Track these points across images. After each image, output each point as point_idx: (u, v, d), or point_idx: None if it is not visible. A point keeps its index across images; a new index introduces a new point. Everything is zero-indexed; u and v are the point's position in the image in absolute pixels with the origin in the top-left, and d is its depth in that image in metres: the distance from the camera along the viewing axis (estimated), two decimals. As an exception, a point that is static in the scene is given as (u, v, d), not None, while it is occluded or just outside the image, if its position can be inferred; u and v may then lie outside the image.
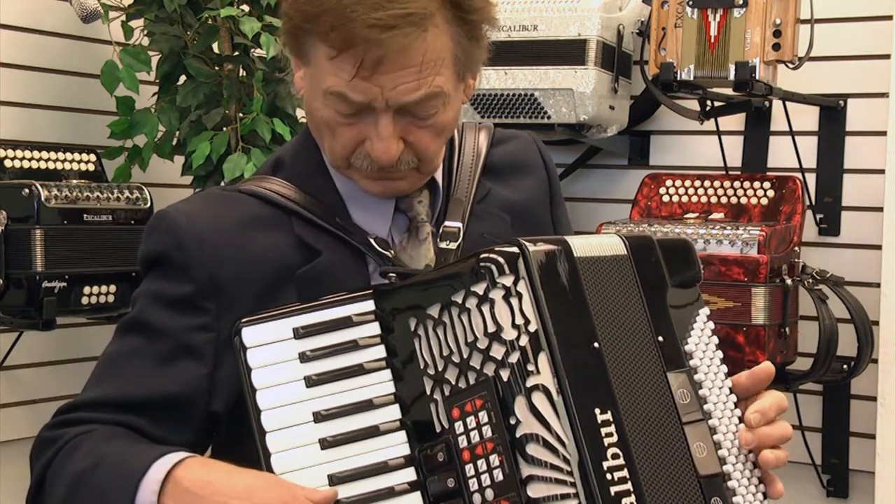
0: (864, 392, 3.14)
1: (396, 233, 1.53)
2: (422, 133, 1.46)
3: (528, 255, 1.28)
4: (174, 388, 1.43)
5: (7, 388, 3.27)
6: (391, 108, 1.42)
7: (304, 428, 1.32)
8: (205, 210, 1.49)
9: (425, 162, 1.49)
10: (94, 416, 1.43)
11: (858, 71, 3.21)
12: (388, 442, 1.33)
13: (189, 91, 3.26)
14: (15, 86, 3.34)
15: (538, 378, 1.25)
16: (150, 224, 1.52)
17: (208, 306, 1.44)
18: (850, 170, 3.24)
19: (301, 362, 1.35)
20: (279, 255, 1.46)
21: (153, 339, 1.45)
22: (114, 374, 1.46)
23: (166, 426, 1.43)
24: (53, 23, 3.43)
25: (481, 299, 1.29)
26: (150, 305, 1.47)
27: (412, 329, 1.35)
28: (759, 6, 2.88)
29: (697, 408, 1.35)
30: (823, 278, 3.00)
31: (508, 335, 1.27)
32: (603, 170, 3.58)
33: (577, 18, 3.15)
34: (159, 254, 1.47)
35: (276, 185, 1.51)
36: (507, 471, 1.25)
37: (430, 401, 1.32)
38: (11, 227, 2.91)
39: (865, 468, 3.11)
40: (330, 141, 1.48)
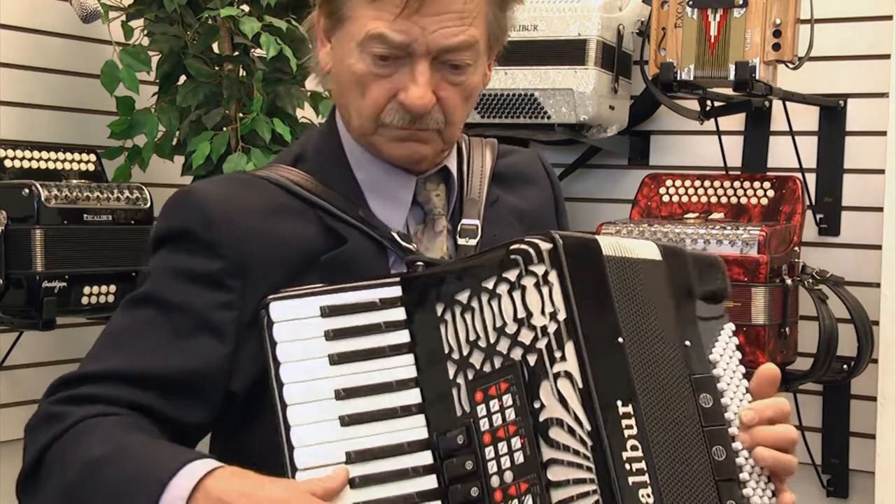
0: (864, 392, 3.14)
1: (412, 224, 1.55)
2: (452, 91, 1.49)
3: (560, 247, 1.30)
4: (194, 363, 1.41)
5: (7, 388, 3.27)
6: (430, 53, 1.45)
7: (326, 404, 1.33)
8: (232, 192, 1.50)
9: (450, 126, 1.51)
10: (104, 394, 1.40)
11: (858, 71, 3.21)
12: (407, 424, 1.35)
13: (189, 91, 3.25)
14: (15, 86, 3.34)
15: (564, 365, 1.27)
16: (174, 200, 1.50)
17: (234, 285, 1.43)
18: (850, 170, 3.24)
19: (326, 340, 1.36)
20: (305, 241, 1.47)
21: (171, 313, 1.43)
22: (125, 347, 1.43)
23: (182, 404, 1.42)
24: (53, 23, 3.42)
25: (513, 285, 1.31)
26: (169, 280, 1.45)
27: (439, 314, 1.37)
28: (759, 6, 2.88)
29: (719, 414, 1.38)
30: (823, 278, 3.00)
31: (538, 321, 1.29)
32: (603, 170, 3.59)
33: (577, 18, 3.15)
34: (185, 230, 1.46)
35: (299, 178, 1.52)
36: (528, 453, 1.26)
37: (453, 385, 1.34)
38: (11, 227, 2.91)
39: (865, 468, 3.11)
40: (359, 100, 1.49)
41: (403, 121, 1.48)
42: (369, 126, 1.50)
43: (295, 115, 3.35)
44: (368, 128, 1.50)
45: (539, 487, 1.25)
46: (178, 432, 1.43)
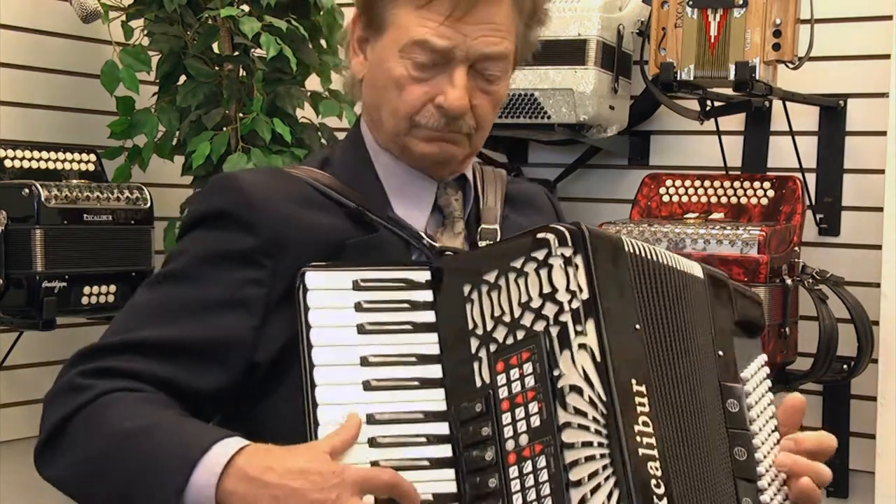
0: (864, 392, 3.14)
1: (431, 227, 1.61)
2: (484, 99, 1.56)
3: (587, 235, 1.37)
4: (219, 333, 1.47)
5: (7, 388, 3.27)
6: (468, 60, 1.53)
7: (351, 369, 1.39)
8: (269, 180, 1.56)
9: (480, 131, 1.59)
10: (126, 367, 1.44)
11: (858, 71, 3.21)
12: (426, 396, 1.40)
13: (189, 91, 3.26)
14: (15, 86, 3.35)
15: (584, 339, 1.32)
16: (214, 184, 1.57)
17: (267, 263, 1.49)
18: (850, 170, 3.24)
19: (356, 311, 1.42)
20: (336, 229, 1.53)
21: (199, 288, 1.49)
22: (148, 319, 1.48)
23: (202, 372, 1.46)
24: (53, 23, 3.43)
25: (541, 264, 1.37)
26: (200, 258, 1.50)
27: (466, 294, 1.42)
28: (759, 6, 2.88)
29: (744, 420, 1.46)
30: (823, 278, 3.00)
31: (562, 297, 1.35)
32: (603, 170, 3.58)
33: (577, 18, 3.15)
34: (223, 210, 1.52)
35: (328, 180, 1.58)
36: (545, 416, 1.31)
37: (475, 359, 1.39)
38: (11, 227, 2.92)
39: (865, 468, 3.11)
40: (395, 101, 1.55)
41: (438, 123, 1.55)
42: (403, 126, 1.56)
43: (295, 115, 3.35)
44: (402, 127, 1.56)
45: (553, 448, 1.30)
46: (199, 403, 1.47)
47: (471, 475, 1.34)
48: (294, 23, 3.19)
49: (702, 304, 1.49)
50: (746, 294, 1.58)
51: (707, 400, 1.44)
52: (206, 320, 1.47)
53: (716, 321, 1.49)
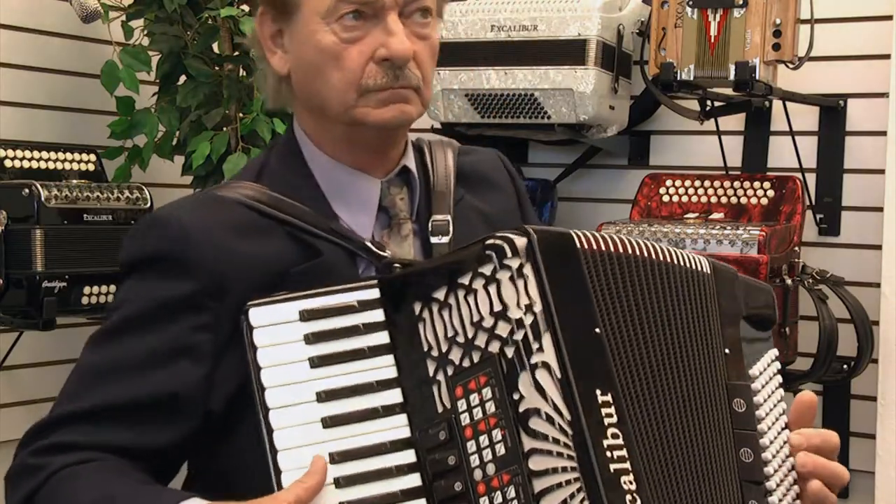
0: (864, 392, 3.14)
1: (377, 230, 1.55)
2: (422, 46, 1.51)
3: (535, 240, 1.32)
4: (171, 387, 1.41)
5: (7, 388, 3.27)
6: (397, 5, 1.47)
7: (308, 406, 1.34)
8: (200, 213, 1.49)
9: (425, 84, 1.52)
10: (81, 440, 1.39)
11: (858, 71, 3.21)
12: (389, 423, 1.36)
13: (189, 91, 3.26)
14: (15, 86, 3.34)
15: (542, 356, 1.28)
16: (143, 225, 1.50)
17: (211, 305, 1.43)
18: (850, 170, 3.23)
19: (306, 343, 1.37)
20: (277, 257, 1.46)
21: (147, 341, 1.43)
22: (99, 383, 1.42)
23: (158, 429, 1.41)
24: (53, 23, 3.43)
25: (488, 280, 1.32)
26: (145, 307, 1.44)
27: (417, 313, 1.37)
28: (759, 6, 2.88)
29: (752, 419, 1.42)
30: (823, 278, 3.00)
31: (514, 314, 1.30)
32: (603, 170, 3.58)
33: (577, 18, 3.14)
34: (157, 253, 1.45)
35: (262, 195, 1.51)
36: (509, 444, 1.28)
37: (433, 383, 1.35)
38: (11, 227, 2.91)
39: (865, 468, 3.11)
40: (336, 74, 1.49)
41: (387, 78, 1.48)
42: (351, 96, 1.49)
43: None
44: (351, 98, 1.49)
45: (521, 478, 1.26)
46: (160, 460, 1.43)
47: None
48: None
49: (706, 299, 1.44)
50: (756, 287, 1.54)
51: (712, 398, 1.40)
52: (154, 376, 1.41)
53: (723, 317, 1.45)
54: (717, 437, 1.39)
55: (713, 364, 1.42)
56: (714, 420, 1.40)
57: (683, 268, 1.43)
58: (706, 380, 1.41)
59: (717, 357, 1.43)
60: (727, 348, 1.44)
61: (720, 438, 1.39)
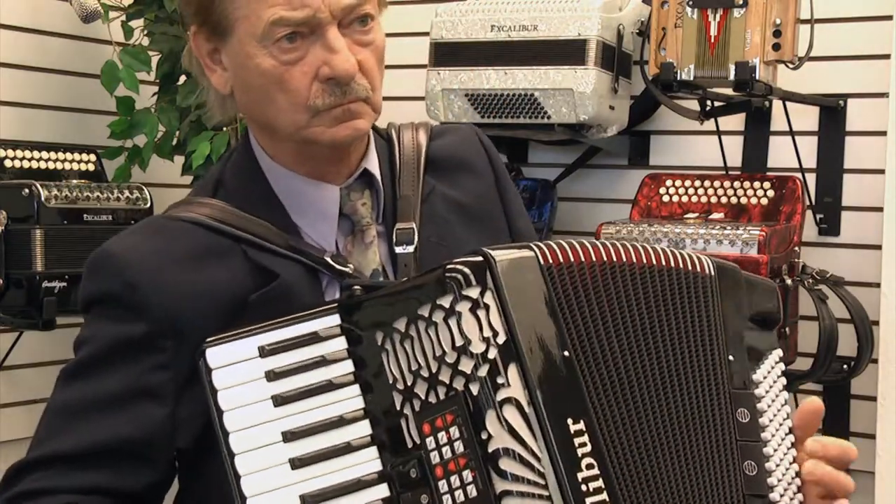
0: (864, 392, 3.14)
1: (340, 238, 1.51)
2: (366, 53, 1.44)
3: (494, 265, 1.26)
4: (134, 431, 1.39)
5: (7, 388, 3.27)
6: (335, 18, 1.40)
7: (274, 448, 1.30)
8: (151, 245, 1.45)
9: (375, 91, 1.46)
10: (53, 485, 1.38)
11: (858, 71, 3.20)
12: (359, 458, 1.31)
13: (189, 91, 3.26)
14: (15, 86, 3.35)
15: (509, 391, 1.24)
16: (92, 262, 1.46)
17: (166, 345, 1.40)
18: (850, 170, 3.23)
19: (268, 381, 1.32)
20: (234, 285, 1.42)
21: (108, 382, 1.40)
22: (68, 425, 1.40)
23: (132, 473, 1.39)
24: (53, 23, 3.43)
25: (448, 312, 1.27)
26: (101, 348, 1.42)
27: (379, 343, 1.32)
28: (759, 6, 2.88)
29: (756, 430, 1.37)
30: (823, 278, 3.00)
31: (477, 348, 1.25)
32: (603, 170, 3.58)
33: (577, 18, 3.14)
34: (107, 294, 1.43)
35: (218, 212, 1.47)
36: (480, 487, 1.23)
37: (401, 416, 1.30)
38: (11, 227, 2.92)
39: (865, 468, 3.10)
40: (281, 97, 1.43)
41: (334, 96, 1.42)
42: (302, 118, 1.44)
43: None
44: (301, 120, 1.44)
45: None
46: (136, 501, 1.41)
47: None
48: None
49: (708, 303, 1.39)
50: (759, 285, 1.47)
51: (713, 409, 1.35)
52: (119, 418, 1.38)
53: (727, 320, 1.40)
54: (718, 451, 1.34)
55: (715, 372, 1.37)
56: (716, 432, 1.35)
57: (680, 271, 1.37)
58: (706, 390, 1.36)
59: (719, 364, 1.38)
60: (731, 354, 1.39)
61: (722, 452, 1.35)
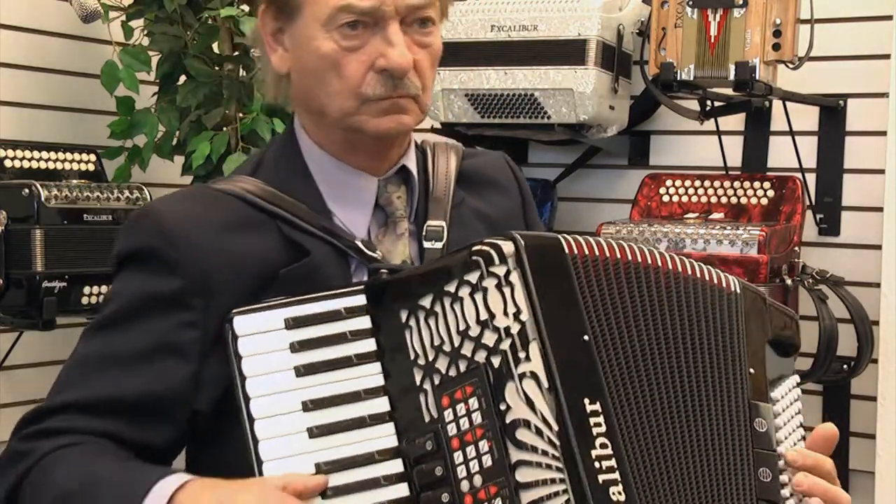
0: (864, 392, 3.14)
1: (374, 228, 1.54)
2: (423, 54, 1.49)
3: (522, 247, 1.30)
4: (157, 386, 1.40)
5: (7, 388, 3.27)
6: (398, 14, 1.45)
7: (293, 416, 1.33)
8: (190, 209, 1.48)
9: (425, 91, 1.51)
10: (69, 426, 1.39)
11: (858, 71, 3.21)
12: (376, 433, 1.34)
13: (189, 91, 3.26)
14: (15, 86, 3.35)
15: (529, 365, 1.27)
16: (133, 219, 1.49)
17: (197, 303, 1.42)
18: (850, 170, 3.23)
19: (291, 352, 1.35)
20: (267, 256, 1.45)
21: (134, 337, 1.42)
22: (88, 376, 1.42)
23: (148, 427, 1.41)
24: (53, 23, 3.43)
25: (474, 288, 1.31)
26: (132, 302, 1.44)
27: (403, 321, 1.36)
28: (759, 6, 2.88)
29: (771, 441, 1.40)
30: (823, 278, 3.00)
31: (500, 323, 1.29)
32: (603, 170, 3.58)
33: (577, 18, 3.15)
34: (145, 249, 1.45)
35: (256, 188, 1.50)
36: (496, 456, 1.26)
37: (420, 391, 1.33)
38: (11, 227, 2.91)
39: (865, 468, 3.11)
40: (335, 82, 1.47)
41: (386, 88, 1.47)
42: (351, 104, 1.48)
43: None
44: (350, 106, 1.48)
45: (508, 490, 1.25)
46: (148, 454, 1.41)
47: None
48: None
49: (733, 317, 1.42)
50: (783, 312, 1.52)
51: (731, 414, 1.38)
52: (144, 373, 1.40)
53: (750, 337, 1.43)
54: (733, 453, 1.37)
55: (735, 381, 1.40)
56: (731, 435, 1.37)
57: (706, 283, 1.41)
58: (725, 395, 1.39)
59: (740, 374, 1.41)
60: (752, 368, 1.42)
61: (737, 454, 1.37)
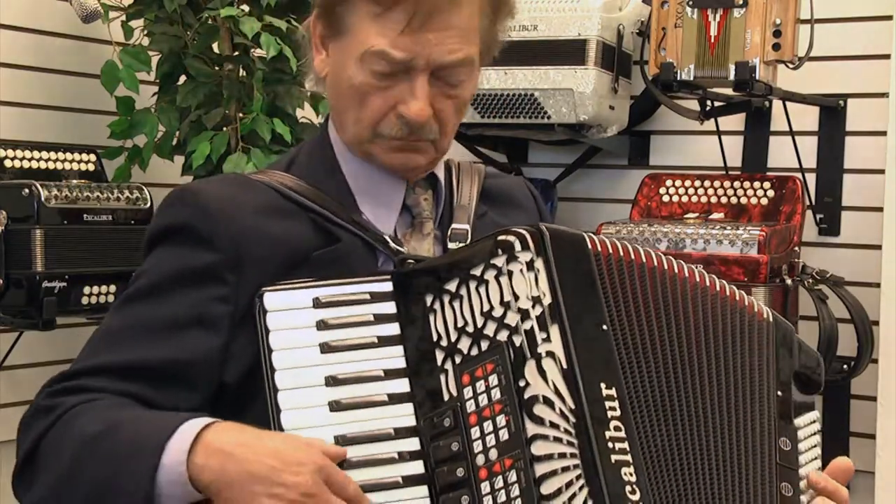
0: (864, 392, 3.14)
1: (400, 228, 1.59)
2: (447, 104, 1.53)
3: (547, 237, 1.35)
4: (185, 355, 1.44)
5: (7, 388, 3.27)
6: (429, 68, 1.48)
7: (316, 390, 1.37)
8: (228, 190, 1.53)
9: (444, 136, 1.55)
10: (96, 384, 1.42)
11: (858, 71, 3.21)
12: (395, 412, 1.38)
13: (189, 91, 3.26)
14: (15, 86, 3.34)
15: (549, 346, 1.31)
16: (172, 197, 1.53)
17: (230, 278, 1.45)
18: (850, 170, 3.24)
19: (318, 330, 1.40)
20: (298, 239, 1.50)
21: (166, 308, 1.45)
22: (118, 342, 1.45)
23: (173, 393, 1.43)
24: (53, 23, 3.42)
25: (500, 271, 1.35)
26: (166, 274, 1.47)
27: (428, 304, 1.40)
28: (759, 6, 2.88)
29: (796, 459, 1.45)
30: (823, 278, 3.00)
31: (524, 304, 1.33)
32: (603, 170, 3.58)
33: (577, 18, 3.15)
34: (182, 224, 1.49)
35: (292, 182, 1.55)
36: (513, 430, 1.30)
37: (441, 371, 1.38)
38: (11, 227, 2.91)
39: (865, 468, 3.11)
40: (357, 111, 1.52)
41: (402, 132, 1.52)
42: (366, 135, 1.53)
43: (295, 115, 3.35)
44: (365, 136, 1.54)
45: (523, 462, 1.28)
46: None
47: (443, 492, 1.33)
48: (294, 23, 3.18)
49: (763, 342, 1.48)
50: (808, 349, 1.56)
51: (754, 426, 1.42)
52: (173, 341, 1.44)
53: (780, 363, 1.48)
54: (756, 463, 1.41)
55: (762, 399, 1.44)
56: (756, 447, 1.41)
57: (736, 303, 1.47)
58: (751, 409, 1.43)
59: (767, 394, 1.45)
60: (779, 391, 1.46)
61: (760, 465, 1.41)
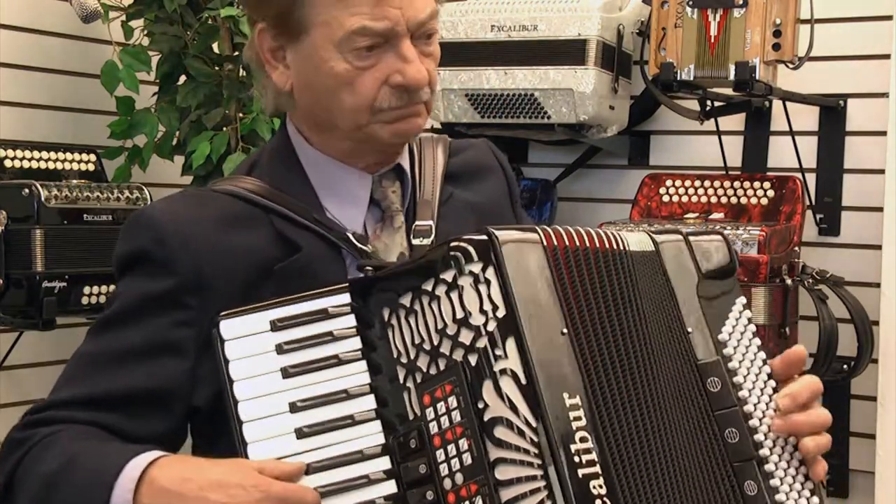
0: (864, 392, 3.14)
1: (370, 223, 1.57)
2: (429, 62, 1.54)
3: (498, 242, 1.30)
4: (153, 382, 1.44)
5: (7, 388, 3.27)
6: (410, 30, 1.49)
7: (281, 418, 1.34)
8: (183, 209, 1.51)
9: (433, 94, 1.56)
10: (66, 415, 1.43)
11: (858, 71, 3.21)
12: (363, 431, 1.35)
13: (189, 91, 3.26)
14: (15, 86, 3.35)
15: (506, 362, 1.27)
16: (128, 223, 1.53)
17: (191, 302, 1.45)
18: (850, 170, 3.24)
19: (278, 354, 1.37)
20: (259, 252, 1.48)
21: (132, 335, 1.45)
22: (89, 372, 1.46)
23: (145, 421, 1.44)
24: (53, 23, 3.43)
25: (450, 286, 1.32)
26: (129, 303, 1.47)
27: (386, 319, 1.38)
28: (759, 6, 2.88)
29: (730, 395, 1.39)
30: (823, 278, 3.00)
31: (476, 321, 1.29)
32: (603, 170, 3.58)
33: (577, 18, 3.15)
34: (140, 251, 1.48)
35: (251, 185, 1.54)
36: (475, 454, 1.27)
37: (404, 389, 1.35)
38: (11, 227, 2.91)
39: (865, 468, 3.11)
40: (348, 98, 1.51)
41: (400, 101, 1.51)
42: (365, 117, 1.52)
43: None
44: (364, 119, 1.52)
45: (488, 488, 1.26)
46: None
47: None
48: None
49: (657, 280, 1.42)
50: (707, 242, 1.49)
51: (685, 384, 1.38)
52: (140, 370, 1.44)
53: (678, 292, 1.42)
54: (698, 425, 1.37)
55: (679, 348, 1.40)
56: (691, 407, 1.37)
57: (635, 252, 1.41)
58: (675, 368, 1.38)
59: (681, 339, 1.40)
60: (689, 326, 1.41)
61: (700, 425, 1.37)
